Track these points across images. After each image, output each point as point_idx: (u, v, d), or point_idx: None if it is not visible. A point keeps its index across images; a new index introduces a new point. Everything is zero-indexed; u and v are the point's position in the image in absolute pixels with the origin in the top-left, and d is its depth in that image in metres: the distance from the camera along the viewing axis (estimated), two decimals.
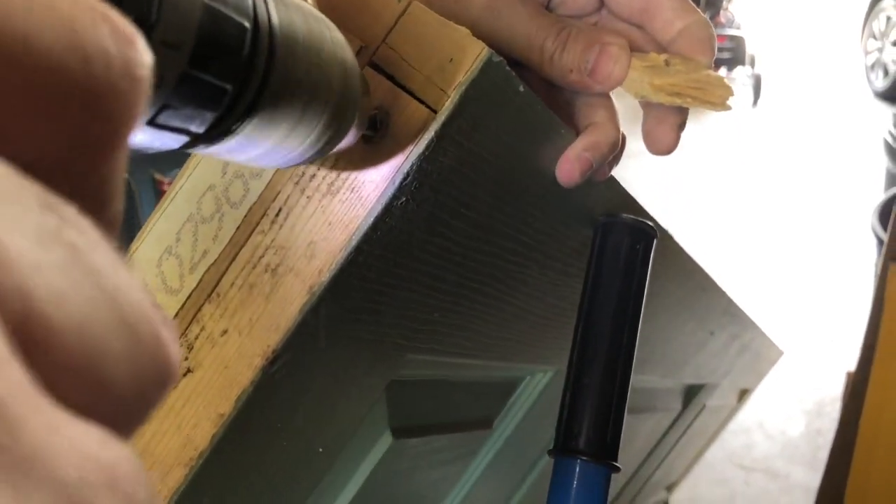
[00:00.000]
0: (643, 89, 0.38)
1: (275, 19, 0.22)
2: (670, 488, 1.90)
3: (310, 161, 0.27)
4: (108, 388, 0.09)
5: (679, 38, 0.40)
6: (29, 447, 0.07)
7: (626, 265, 0.46)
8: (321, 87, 0.24)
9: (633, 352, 0.46)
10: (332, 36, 0.26)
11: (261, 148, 0.24)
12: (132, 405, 0.09)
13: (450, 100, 0.31)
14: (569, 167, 0.39)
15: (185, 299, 0.34)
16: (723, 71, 5.70)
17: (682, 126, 0.41)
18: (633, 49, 0.40)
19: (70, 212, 0.10)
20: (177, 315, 0.34)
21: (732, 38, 5.69)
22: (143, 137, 0.19)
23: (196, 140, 0.21)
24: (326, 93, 0.25)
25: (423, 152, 0.31)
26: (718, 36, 5.70)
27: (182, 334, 0.34)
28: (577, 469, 0.43)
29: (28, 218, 0.09)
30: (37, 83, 0.10)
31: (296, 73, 0.23)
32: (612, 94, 0.43)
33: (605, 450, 0.44)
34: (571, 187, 0.40)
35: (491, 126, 0.34)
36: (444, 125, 0.31)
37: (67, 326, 0.09)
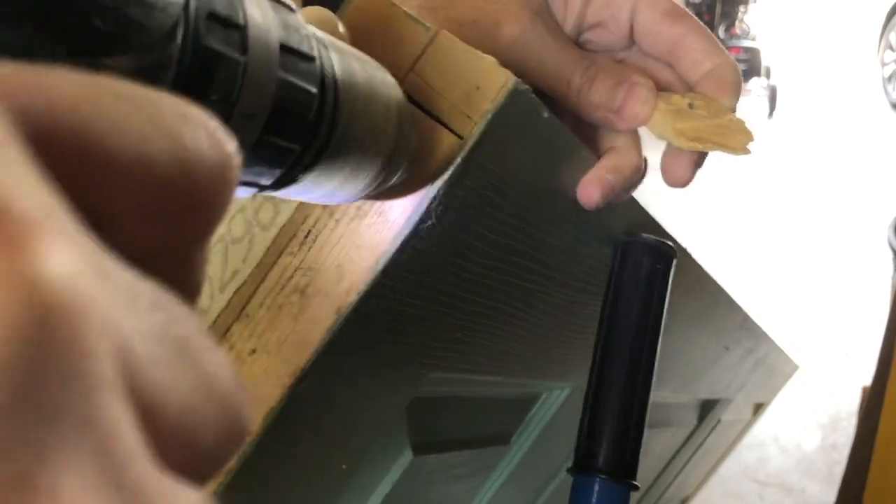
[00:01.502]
0: (666, 132, 0.39)
1: (339, 77, 0.23)
2: (684, 502, 1.89)
3: (367, 198, 0.28)
4: (202, 452, 0.11)
5: (705, 80, 0.40)
6: None
7: (646, 284, 0.46)
8: (378, 134, 0.26)
9: (653, 371, 0.46)
10: (383, 79, 0.27)
11: (320, 191, 0.25)
12: (217, 462, 0.11)
13: (476, 126, 0.32)
14: (590, 190, 0.40)
15: (214, 318, 0.35)
16: None
17: (699, 163, 0.42)
18: (660, 87, 0.40)
19: (174, 307, 0.11)
20: None
21: (748, 49, 5.68)
22: None
23: (262, 189, 0.22)
24: (384, 138, 0.26)
25: (450, 177, 0.32)
26: (734, 48, 5.69)
27: None
28: (597, 488, 0.44)
29: (145, 319, 0.10)
30: (145, 193, 0.11)
31: (356, 127, 0.24)
32: None
33: (625, 469, 0.44)
34: (593, 209, 0.41)
35: (515, 151, 0.34)
36: (471, 151, 0.32)
37: (173, 410, 0.10)
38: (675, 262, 0.48)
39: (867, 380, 1.61)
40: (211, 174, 0.12)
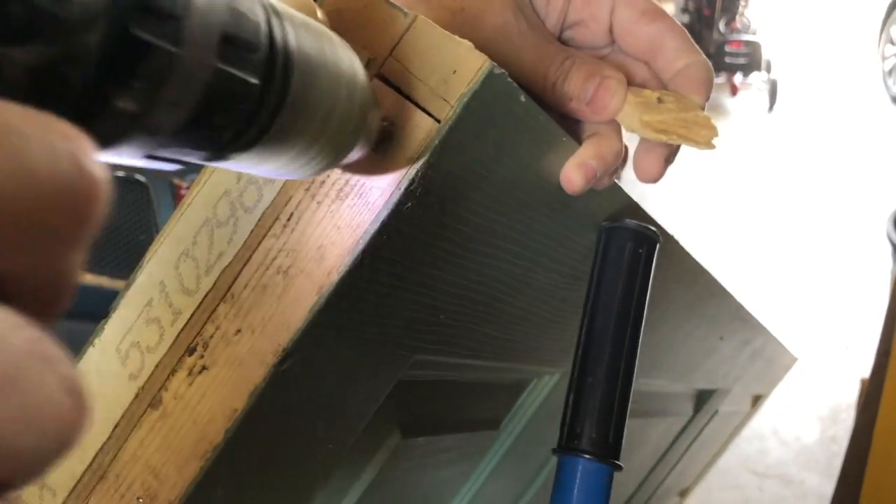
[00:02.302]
0: (633, 124, 0.41)
1: (295, 61, 0.23)
2: (683, 493, 1.90)
3: (314, 176, 0.29)
4: (11, 471, 0.12)
5: (678, 77, 0.42)
6: None
7: (628, 269, 0.47)
8: (334, 118, 0.25)
9: (636, 353, 0.47)
10: (350, 61, 0.27)
11: (258, 170, 0.25)
12: (30, 474, 0.12)
13: (452, 110, 0.32)
14: (573, 175, 0.41)
15: (201, 299, 0.35)
16: (738, 77, 5.68)
17: (669, 158, 0.44)
18: (634, 84, 0.42)
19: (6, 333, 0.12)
20: (193, 315, 0.35)
21: (748, 43, 5.68)
22: (139, 163, 0.21)
23: (189, 165, 0.22)
24: (341, 121, 0.26)
25: (428, 160, 0.33)
26: (735, 41, 5.68)
27: (198, 333, 0.35)
28: (580, 467, 0.44)
29: None
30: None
31: (307, 112, 0.24)
32: None
33: (608, 449, 0.45)
34: (576, 195, 0.42)
35: (493, 135, 0.35)
36: (448, 134, 0.33)
37: None
38: (658, 246, 0.49)
39: (866, 372, 1.62)
40: (67, 197, 0.13)
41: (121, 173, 2.10)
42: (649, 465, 1.32)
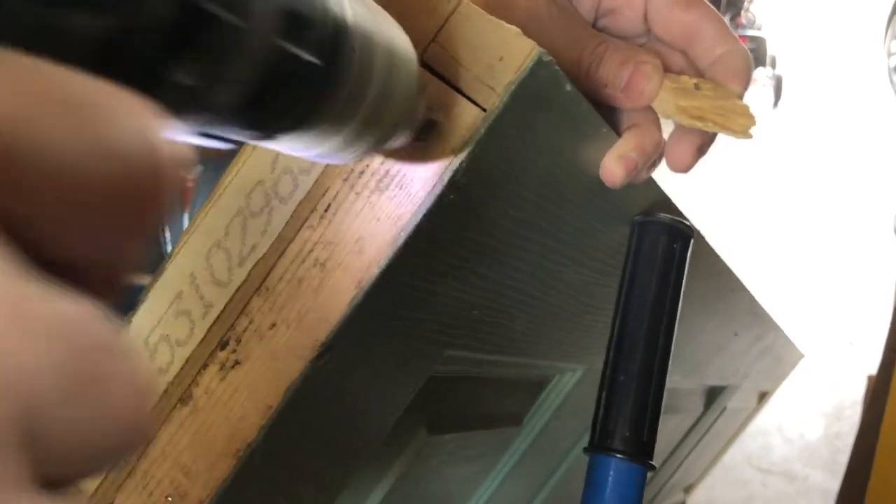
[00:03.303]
0: (669, 109, 0.40)
1: (357, 43, 0.22)
2: (688, 490, 1.90)
3: (357, 160, 0.27)
4: (84, 466, 0.12)
5: (715, 65, 0.41)
6: None
7: (663, 264, 0.46)
8: (380, 103, 0.24)
9: (670, 351, 0.46)
10: (404, 43, 0.26)
11: (304, 152, 0.24)
12: (102, 467, 0.12)
13: (500, 98, 0.31)
14: (613, 168, 0.40)
15: (233, 292, 0.34)
16: None
17: (702, 148, 0.42)
18: (671, 72, 0.41)
19: (79, 326, 0.11)
20: (225, 308, 0.34)
21: (753, 38, 5.65)
22: (192, 140, 0.20)
23: (239, 144, 0.21)
24: (384, 106, 0.25)
25: (473, 150, 0.31)
26: (740, 37, 5.65)
27: (230, 327, 0.34)
28: (613, 467, 0.43)
29: (44, 355, 0.11)
30: (75, 201, 0.12)
31: (357, 101, 0.23)
32: None
33: (642, 448, 0.44)
34: (616, 188, 0.40)
35: (538, 124, 0.34)
36: (494, 124, 0.31)
37: (61, 442, 0.11)
38: (692, 241, 0.48)
39: (871, 369, 1.61)
40: (142, 182, 0.12)
41: None
42: (659, 462, 1.31)
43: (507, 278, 0.42)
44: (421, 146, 0.32)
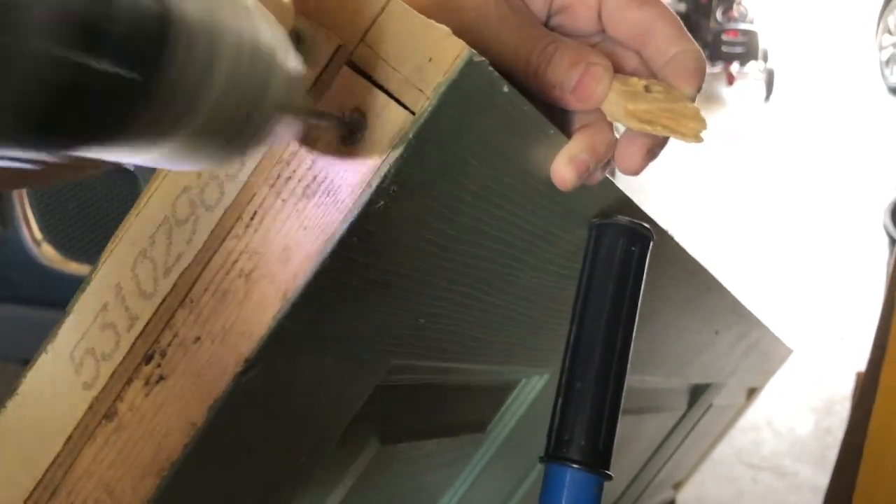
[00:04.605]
0: (618, 113, 0.38)
1: (180, 44, 0.19)
2: (677, 486, 1.89)
3: (225, 161, 0.24)
4: None
5: (668, 65, 0.40)
6: None
7: (620, 268, 0.45)
8: (229, 107, 0.21)
9: (628, 357, 0.44)
10: (260, 35, 0.22)
11: (131, 160, 0.21)
12: None
13: (428, 101, 0.30)
14: (563, 170, 0.38)
15: (158, 304, 0.33)
16: (735, 66, 5.65)
17: (652, 150, 0.41)
18: (624, 73, 0.40)
19: None
20: (150, 320, 0.33)
21: (745, 32, 5.64)
22: None
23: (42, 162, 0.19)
24: (234, 110, 0.22)
25: (402, 155, 0.30)
26: (732, 30, 5.65)
27: (155, 341, 0.33)
28: (569, 477, 0.42)
29: None
30: None
31: (190, 111, 0.20)
32: None
33: (598, 457, 0.43)
34: (567, 190, 0.39)
35: (474, 127, 0.33)
36: (423, 127, 0.30)
37: None
38: (651, 244, 0.46)
39: (861, 364, 1.60)
40: None
41: None
42: (642, 461, 1.30)
43: (453, 284, 0.40)
44: (348, 150, 0.31)
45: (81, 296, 0.35)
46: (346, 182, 0.31)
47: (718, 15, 5.79)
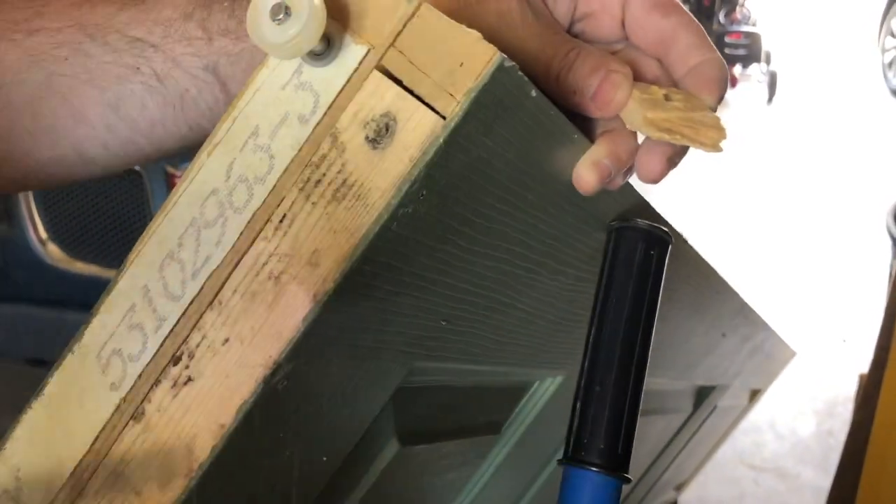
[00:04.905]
0: (637, 121, 0.38)
1: None
2: (679, 487, 1.89)
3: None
4: None
5: (689, 75, 0.40)
6: None
7: (640, 271, 0.45)
8: None
9: (647, 360, 0.45)
10: None
11: None
12: None
13: (459, 105, 0.30)
14: (586, 175, 0.39)
15: (186, 306, 0.33)
16: (738, 68, 5.65)
17: (672, 159, 0.41)
18: (645, 81, 0.40)
19: None
20: (178, 322, 0.33)
21: (748, 34, 5.64)
22: None
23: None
24: None
25: (432, 159, 0.30)
26: (734, 33, 5.65)
27: (183, 342, 0.33)
28: (588, 480, 0.42)
29: None
30: None
31: None
32: None
33: (617, 460, 0.43)
34: (589, 195, 0.39)
35: (502, 132, 0.33)
36: (453, 132, 0.30)
37: None
38: (669, 248, 0.46)
39: (864, 367, 1.60)
40: None
41: None
42: (647, 462, 1.31)
43: (476, 287, 0.41)
44: (379, 154, 0.31)
45: (108, 297, 0.35)
46: (376, 186, 0.31)
47: (721, 17, 5.80)
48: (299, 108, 0.32)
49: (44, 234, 2.08)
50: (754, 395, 1.79)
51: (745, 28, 5.75)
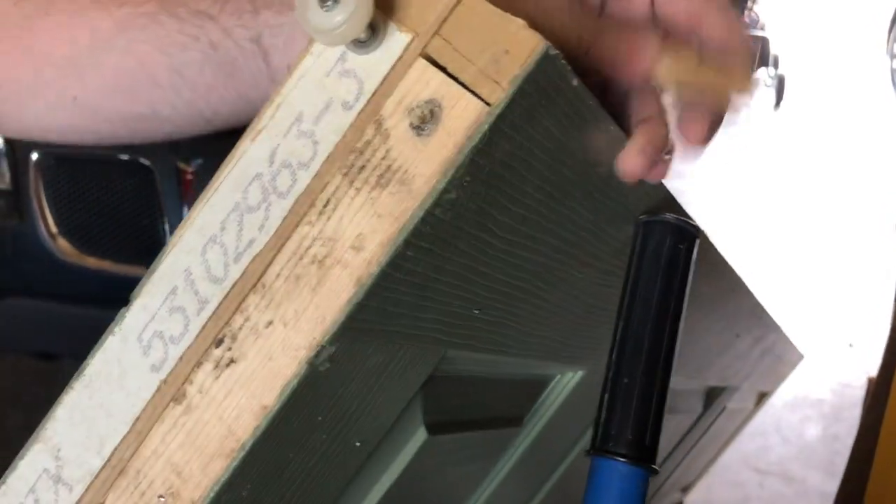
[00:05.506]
0: (671, 81, 0.40)
1: None
2: (685, 490, 1.89)
3: None
4: None
5: (718, 52, 0.40)
6: None
7: (668, 265, 0.45)
8: None
9: (675, 352, 0.45)
10: None
11: None
12: None
13: (504, 92, 0.30)
14: (635, 160, 0.40)
15: (229, 288, 0.33)
16: None
17: (714, 124, 0.42)
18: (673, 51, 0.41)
19: None
20: (220, 305, 0.34)
21: (756, 38, 5.64)
22: None
23: None
24: None
25: (476, 146, 0.31)
26: None
27: (226, 324, 0.33)
28: (616, 471, 0.43)
29: None
30: None
31: None
32: None
33: (645, 452, 0.43)
34: (633, 181, 0.40)
35: (543, 120, 0.33)
36: (498, 118, 0.31)
37: None
38: (698, 242, 0.47)
39: (870, 370, 1.60)
40: None
41: (124, 156, 2.07)
42: (658, 465, 1.30)
43: (509, 277, 0.41)
44: (423, 141, 0.31)
45: (149, 280, 0.35)
46: (421, 172, 0.31)
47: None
48: (343, 95, 0.33)
49: (54, 228, 2.08)
50: (761, 397, 1.79)
51: (753, 32, 5.75)
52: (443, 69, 0.31)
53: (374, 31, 0.32)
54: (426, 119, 0.31)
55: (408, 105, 0.32)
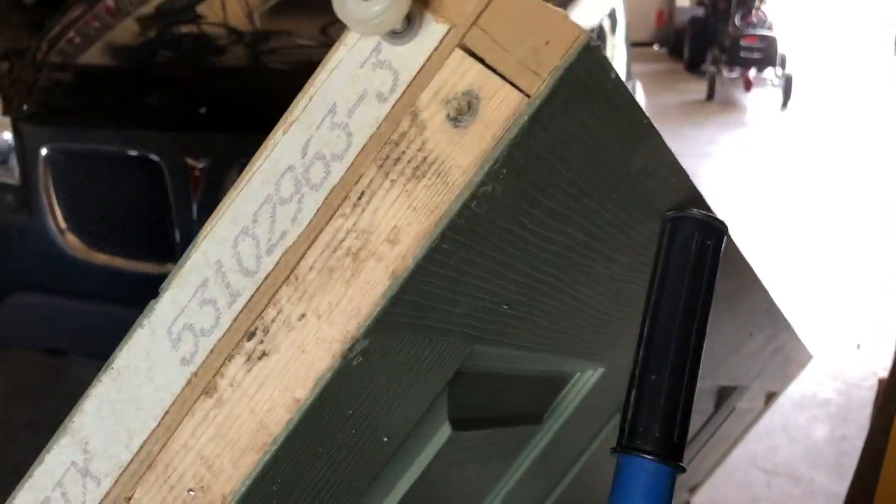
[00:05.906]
0: None
1: None
2: (693, 490, 1.88)
3: None
4: None
5: None
6: None
7: (696, 261, 0.45)
8: None
9: (702, 349, 0.45)
10: None
11: None
12: None
13: (545, 84, 0.30)
14: None
15: (261, 281, 0.33)
16: (753, 71, 5.63)
17: None
18: None
19: None
20: (252, 297, 0.33)
21: (764, 38, 5.62)
22: None
23: None
24: None
25: (515, 138, 0.30)
26: (750, 36, 5.63)
27: (258, 317, 0.33)
28: (643, 468, 0.42)
29: None
30: None
31: None
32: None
33: (672, 449, 0.43)
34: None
35: (580, 112, 0.33)
36: (538, 110, 0.30)
37: None
38: (725, 238, 0.46)
39: (879, 371, 1.60)
40: None
41: (133, 152, 2.07)
42: None
43: (537, 271, 0.41)
44: (460, 132, 0.31)
45: (179, 272, 0.35)
46: (457, 164, 0.31)
47: (737, 20, 5.78)
48: (378, 86, 0.33)
49: (63, 224, 2.09)
50: (770, 397, 1.78)
51: (760, 31, 5.73)
52: (480, 60, 0.31)
53: (409, 22, 0.32)
54: (463, 111, 0.31)
55: (444, 96, 0.31)
